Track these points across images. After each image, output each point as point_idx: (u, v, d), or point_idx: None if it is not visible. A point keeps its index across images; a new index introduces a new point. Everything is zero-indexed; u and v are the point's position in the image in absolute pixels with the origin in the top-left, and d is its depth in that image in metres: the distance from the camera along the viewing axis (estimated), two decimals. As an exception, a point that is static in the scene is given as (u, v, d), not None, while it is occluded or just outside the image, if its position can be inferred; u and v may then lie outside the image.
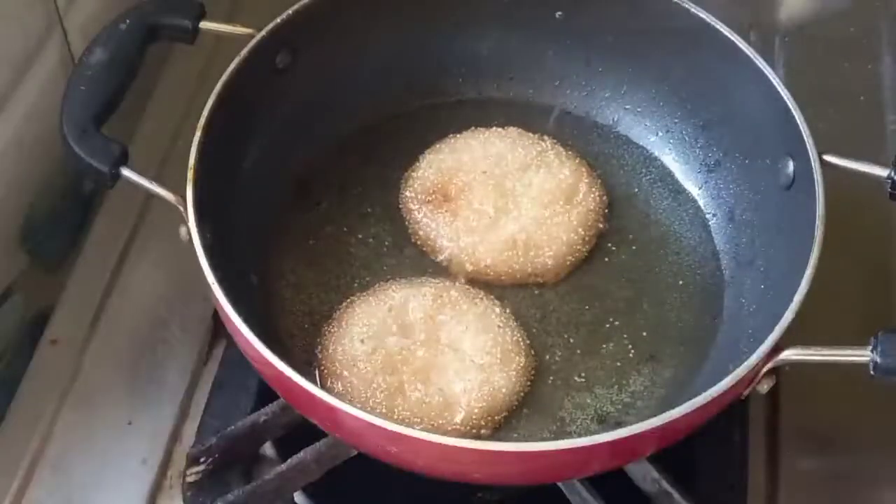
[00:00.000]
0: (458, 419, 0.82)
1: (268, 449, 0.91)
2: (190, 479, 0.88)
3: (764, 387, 0.77)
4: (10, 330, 0.97)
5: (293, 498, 0.88)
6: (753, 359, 0.74)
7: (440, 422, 0.82)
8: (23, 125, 0.95)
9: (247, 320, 0.76)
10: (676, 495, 0.84)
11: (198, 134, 0.83)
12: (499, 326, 0.86)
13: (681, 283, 0.92)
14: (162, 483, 0.91)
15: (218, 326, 0.96)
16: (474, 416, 0.82)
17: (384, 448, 0.75)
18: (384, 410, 0.82)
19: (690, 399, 0.73)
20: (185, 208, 0.79)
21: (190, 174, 0.81)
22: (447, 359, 0.84)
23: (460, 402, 0.82)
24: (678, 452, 0.80)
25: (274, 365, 0.74)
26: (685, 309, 0.91)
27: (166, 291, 0.99)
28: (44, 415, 0.92)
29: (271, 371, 0.75)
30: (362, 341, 0.84)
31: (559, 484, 0.84)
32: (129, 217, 1.04)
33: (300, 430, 0.86)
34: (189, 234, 0.79)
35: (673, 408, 0.73)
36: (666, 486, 0.84)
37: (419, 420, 0.82)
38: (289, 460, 0.86)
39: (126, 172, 0.81)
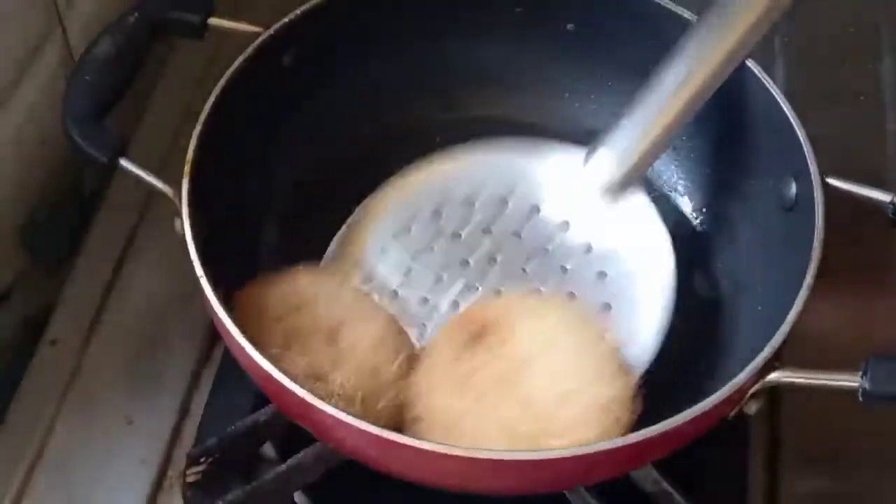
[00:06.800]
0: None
1: (268, 449, 0.91)
2: (190, 479, 0.87)
3: (752, 408, 0.75)
4: (10, 330, 0.97)
5: (293, 498, 0.88)
6: (740, 378, 0.73)
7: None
8: (23, 125, 0.96)
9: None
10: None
11: (198, 126, 0.83)
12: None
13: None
14: (162, 483, 0.91)
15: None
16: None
17: (385, 463, 0.75)
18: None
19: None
20: (180, 200, 0.79)
21: (187, 167, 0.80)
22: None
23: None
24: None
25: (262, 367, 0.73)
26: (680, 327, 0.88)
27: (166, 292, 0.99)
28: (44, 415, 0.92)
29: (261, 374, 0.74)
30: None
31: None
32: (129, 217, 1.04)
33: (300, 430, 0.85)
34: (182, 226, 0.78)
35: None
36: (666, 485, 0.84)
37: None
38: (289, 460, 0.86)
39: (124, 163, 0.81)
